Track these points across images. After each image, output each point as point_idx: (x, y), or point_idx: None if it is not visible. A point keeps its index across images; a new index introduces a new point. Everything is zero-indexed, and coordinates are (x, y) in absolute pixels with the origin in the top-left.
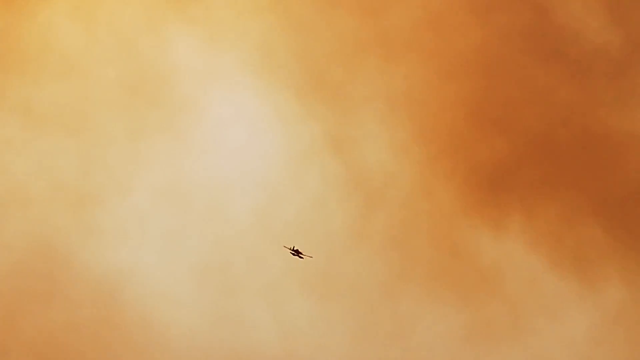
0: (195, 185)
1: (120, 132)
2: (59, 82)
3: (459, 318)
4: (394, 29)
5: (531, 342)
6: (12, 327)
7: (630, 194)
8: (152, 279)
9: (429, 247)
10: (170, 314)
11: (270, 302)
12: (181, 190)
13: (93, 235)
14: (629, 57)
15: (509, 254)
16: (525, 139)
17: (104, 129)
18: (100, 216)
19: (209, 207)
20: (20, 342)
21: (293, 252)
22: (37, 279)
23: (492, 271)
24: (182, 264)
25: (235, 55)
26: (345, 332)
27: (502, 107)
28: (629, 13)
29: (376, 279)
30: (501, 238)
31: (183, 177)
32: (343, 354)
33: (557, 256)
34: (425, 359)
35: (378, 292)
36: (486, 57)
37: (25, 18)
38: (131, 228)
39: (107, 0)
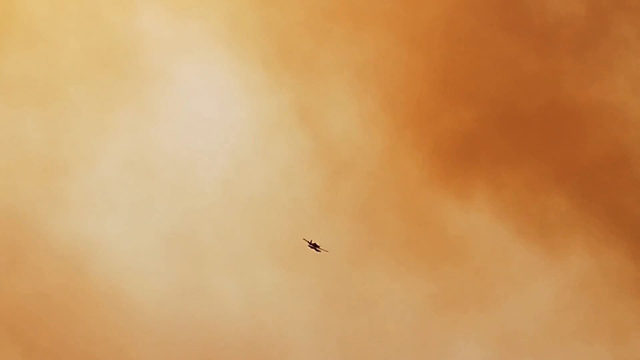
0: (162, 156)
1: (87, 103)
2: (25, 51)
3: (427, 288)
4: None
5: (498, 310)
6: None
7: (594, 163)
8: (119, 249)
9: (396, 217)
10: (137, 284)
11: (237, 272)
12: (148, 161)
13: (60, 206)
14: (593, 28)
15: (475, 223)
16: (490, 110)
17: (70, 99)
18: (67, 186)
19: (176, 177)
20: None
21: (311, 245)
22: (4, 248)
23: (459, 241)
24: (149, 234)
25: (202, 25)
26: (313, 302)
27: (468, 77)
28: None
29: (344, 249)
30: (468, 208)
31: (150, 148)
32: (311, 324)
33: (523, 225)
34: (392, 328)
35: (346, 262)
36: (453, 28)
37: None
38: (98, 198)
39: None
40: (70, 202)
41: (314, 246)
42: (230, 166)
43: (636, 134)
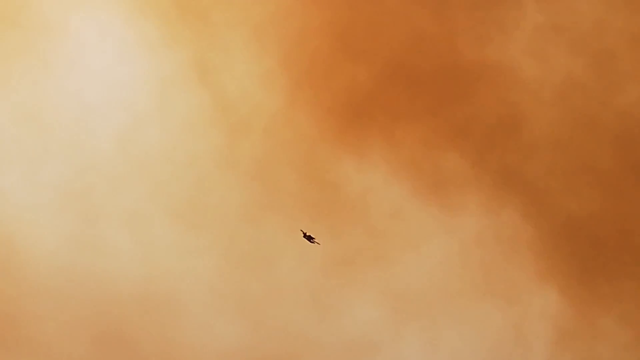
0: (57, 110)
1: None
2: None
3: (323, 247)
4: None
5: (393, 270)
6: None
7: (487, 122)
8: (13, 204)
9: (293, 177)
10: (31, 238)
11: (133, 228)
12: (43, 115)
13: None
14: None
15: (371, 182)
16: (386, 68)
17: None
18: None
19: (71, 131)
20: None
21: (306, 236)
22: None
23: (356, 200)
24: (43, 188)
25: None
26: (210, 260)
27: (366, 35)
28: None
29: (241, 208)
30: (364, 167)
31: (45, 101)
32: (207, 282)
33: (418, 184)
34: (289, 287)
35: (243, 221)
36: None
37: None
38: None
39: None
40: None
41: (309, 238)
42: (126, 122)
43: (528, 94)
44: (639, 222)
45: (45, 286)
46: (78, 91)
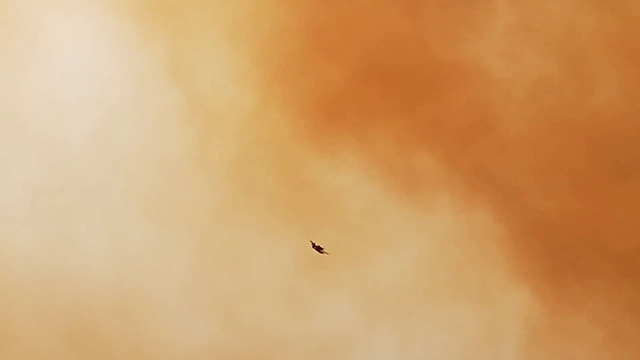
0: (31, 107)
1: None
2: None
3: (297, 246)
4: None
5: (367, 268)
6: None
7: (460, 123)
8: None
9: (266, 175)
10: (2, 236)
11: (106, 227)
12: (17, 112)
13: None
14: None
15: (345, 182)
16: (360, 66)
17: None
18: None
19: (45, 129)
20: None
21: (315, 247)
22: None
23: (329, 200)
24: (15, 185)
25: None
26: (183, 258)
27: (339, 34)
28: None
29: (214, 206)
30: (338, 165)
31: (19, 99)
32: (180, 280)
33: (390, 183)
34: (262, 286)
35: (216, 219)
36: None
37: None
38: None
39: None
40: None
41: (318, 248)
42: (100, 120)
43: (500, 94)
44: (611, 221)
45: (16, 283)
46: (51, 89)
